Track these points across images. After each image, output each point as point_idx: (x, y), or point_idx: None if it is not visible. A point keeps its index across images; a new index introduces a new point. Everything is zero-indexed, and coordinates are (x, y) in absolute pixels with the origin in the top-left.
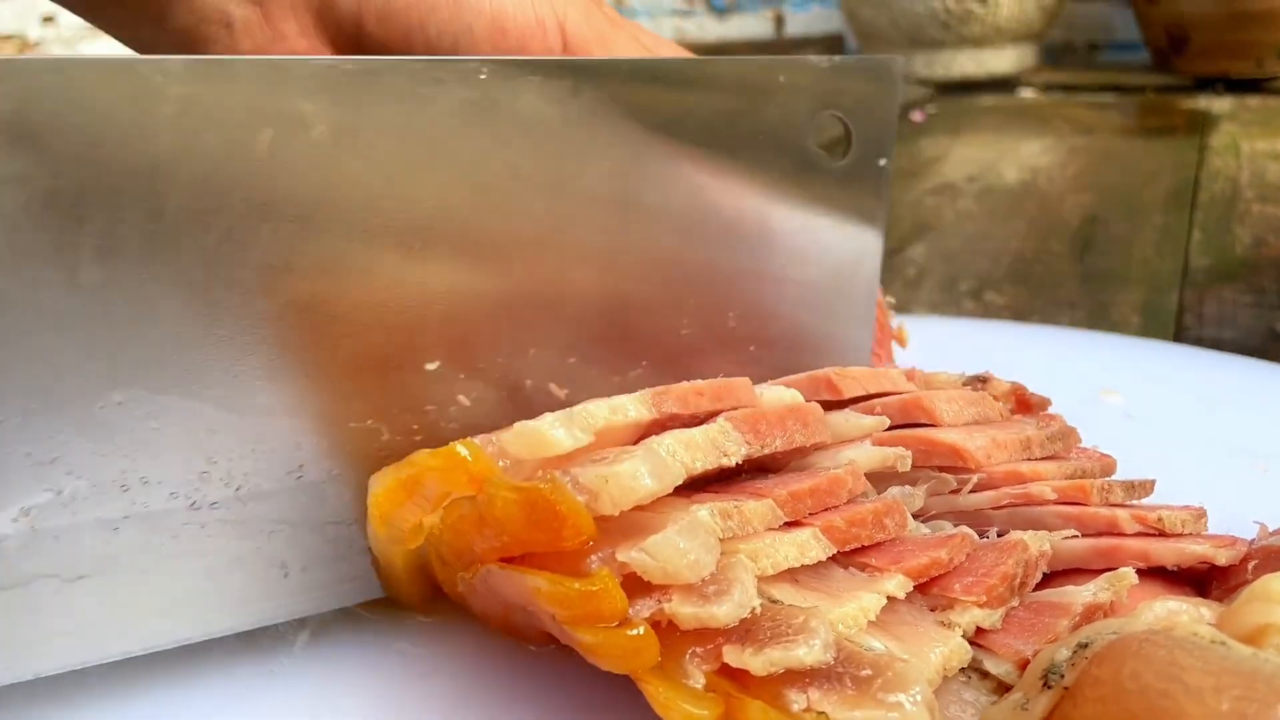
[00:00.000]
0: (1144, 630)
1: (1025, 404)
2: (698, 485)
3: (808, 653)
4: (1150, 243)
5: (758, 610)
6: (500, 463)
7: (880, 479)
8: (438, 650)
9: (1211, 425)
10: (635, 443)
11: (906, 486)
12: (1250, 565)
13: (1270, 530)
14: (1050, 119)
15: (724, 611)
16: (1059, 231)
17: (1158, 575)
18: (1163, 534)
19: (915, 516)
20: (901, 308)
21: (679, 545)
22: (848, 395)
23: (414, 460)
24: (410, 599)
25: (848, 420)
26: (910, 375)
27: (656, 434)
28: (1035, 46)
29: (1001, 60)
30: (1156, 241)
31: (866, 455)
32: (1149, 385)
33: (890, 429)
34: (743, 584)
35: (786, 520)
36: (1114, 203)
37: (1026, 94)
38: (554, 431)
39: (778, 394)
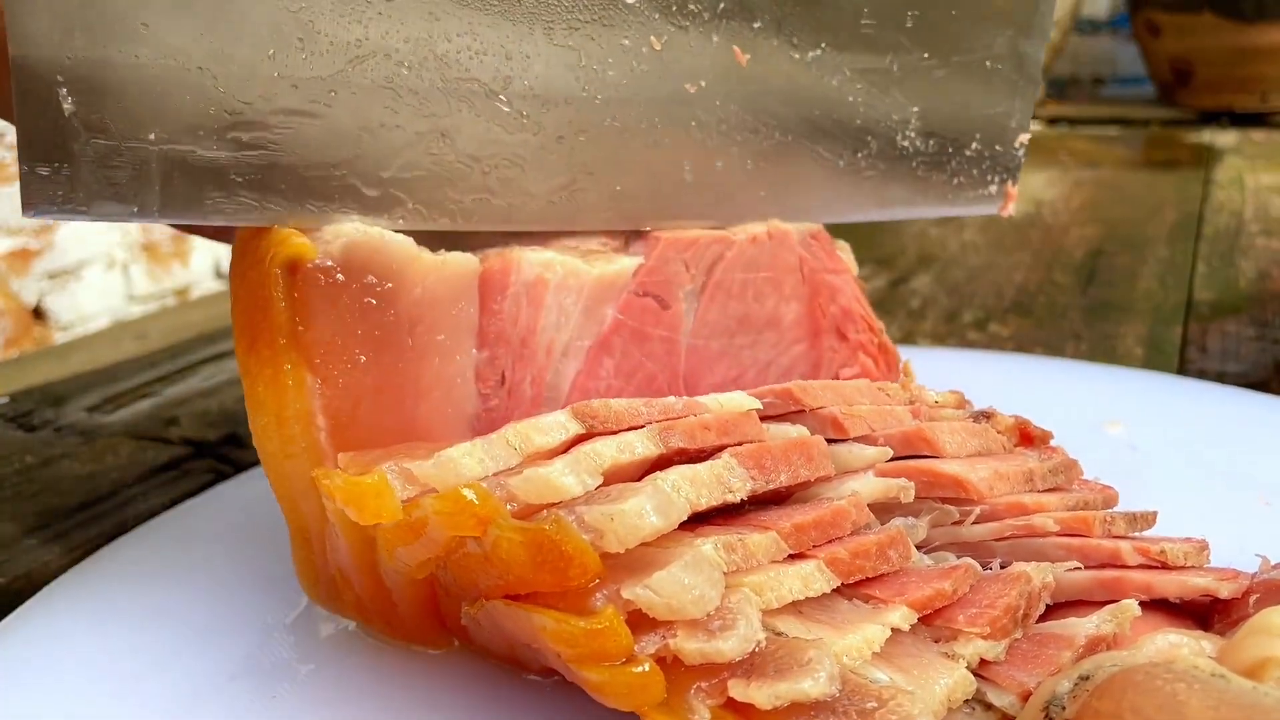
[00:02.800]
0: (1145, 663)
1: (1028, 437)
2: (701, 518)
3: (813, 685)
4: (1154, 275)
5: (762, 643)
6: (508, 506)
7: (883, 510)
8: (442, 681)
9: (1214, 458)
10: (640, 478)
11: (909, 518)
12: (1251, 599)
13: (1272, 564)
14: (1055, 152)
15: (729, 646)
16: (1063, 263)
17: (1160, 608)
18: (1165, 566)
19: (918, 548)
20: (905, 339)
21: (684, 581)
22: (854, 434)
23: (420, 504)
24: (415, 630)
25: (850, 451)
26: (915, 412)
27: (662, 469)
28: (1040, 80)
29: None
30: (1161, 274)
31: (869, 486)
32: (1152, 417)
33: (893, 460)
34: (747, 618)
35: (790, 553)
36: (1118, 235)
37: (1032, 127)
38: (564, 479)
39: (783, 430)
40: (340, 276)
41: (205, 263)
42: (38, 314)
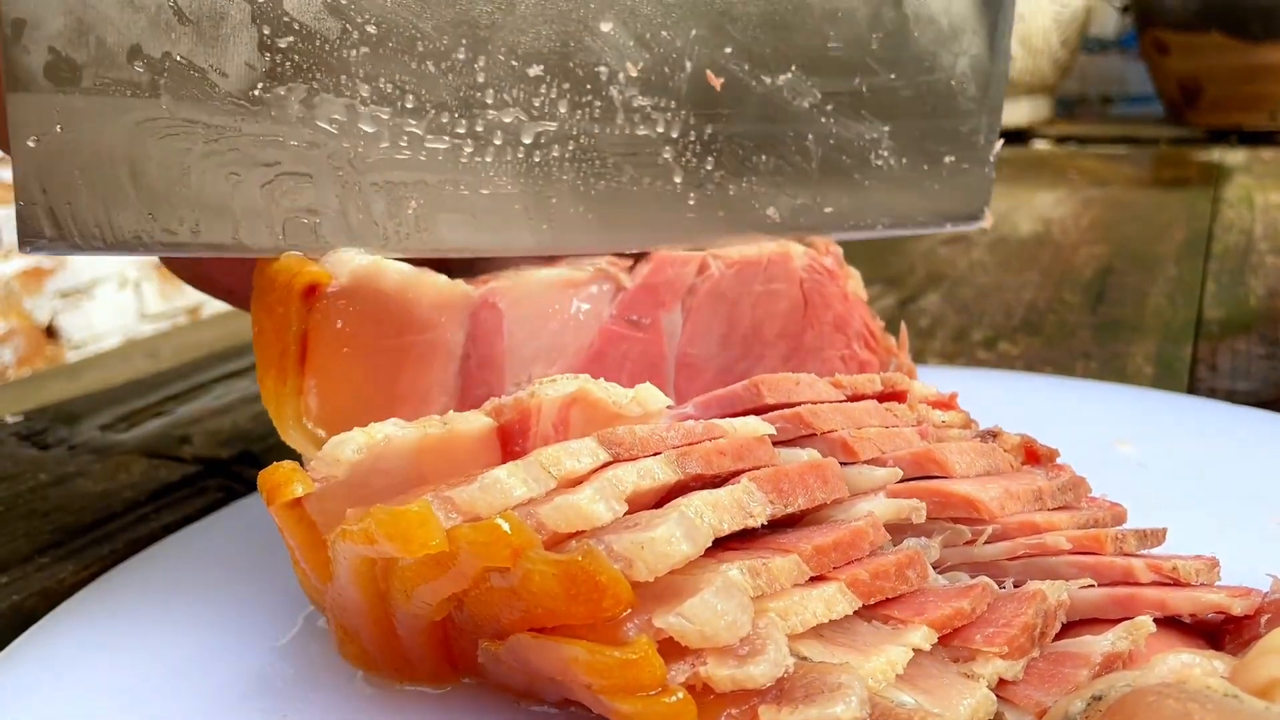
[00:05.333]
0: (1158, 683)
1: (1034, 455)
2: (719, 542)
3: (845, 710)
4: (1164, 294)
5: (791, 668)
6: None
7: (895, 531)
8: (455, 704)
9: (1225, 477)
10: (657, 504)
11: (922, 538)
12: (1263, 619)
13: None
14: (1064, 170)
15: (760, 672)
16: (1073, 282)
17: (1172, 626)
18: (1178, 583)
19: (931, 568)
20: (915, 358)
21: (716, 607)
22: (864, 457)
23: (453, 535)
24: (425, 672)
25: (861, 474)
26: (923, 433)
27: (677, 495)
28: (1049, 99)
29: (1015, 112)
30: (1170, 293)
31: (882, 508)
32: (1162, 436)
33: (903, 481)
34: (776, 643)
35: (811, 575)
36: (1128, 254)
37: (1040, 146)
38: (594, 506)
39: (794, 454)
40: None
41: None
42: (50, 333)
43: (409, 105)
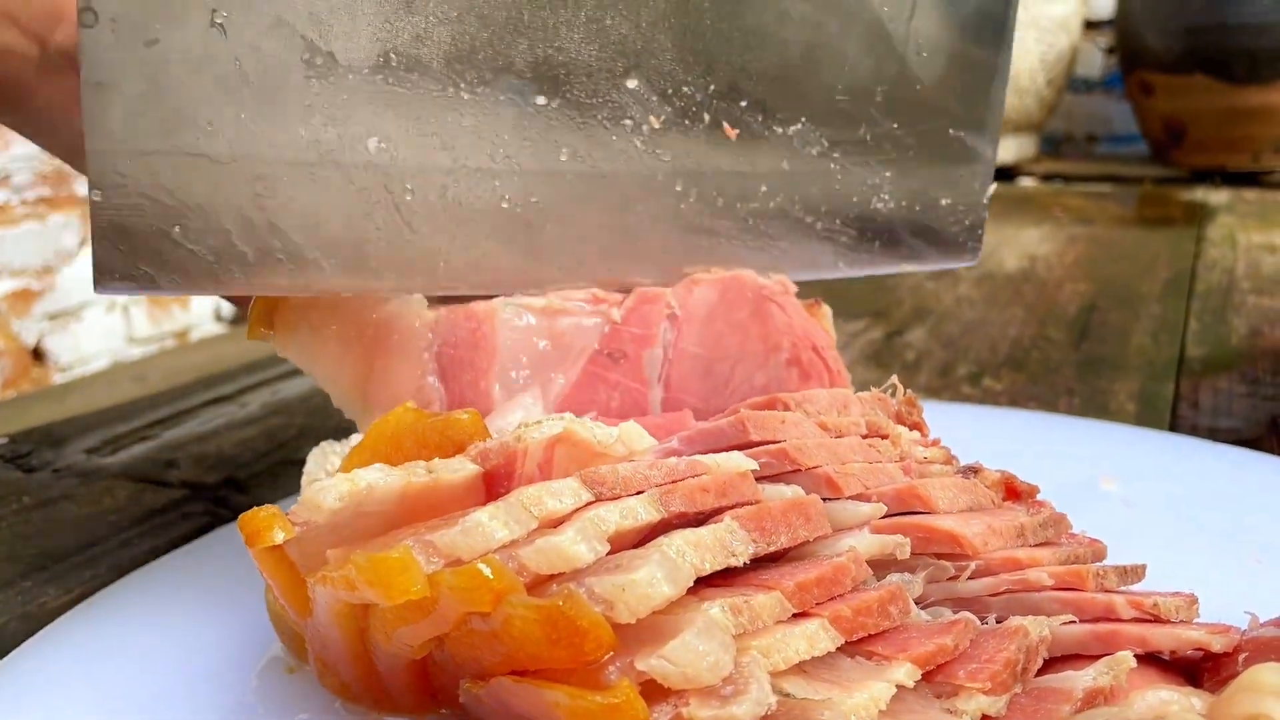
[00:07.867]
0: (1136, 719)
1: (1014, 492)
2: (701, 578)
3: None
4: (1147, 331)
5: (773, 706)
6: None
7: (878, 566)
8: None
9: (1206, 515)
10: (640, 543)
11: (905, 574)
12: (1241, 657)
13: (1261, 622)
14: (1049, 208)
15: (743, 711)
16: (1057, 319)
17: (1151, 663)
18: (1159, 620)
19: (914, 604)
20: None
21: (698, 648)
22: (848, 493)
23: (433, 580)
24: (405, 705)
25: (845, 509)
26: (906, 469)
27: (660, 533)
28: (1035, 137)
29: (1002, 150)
30: (1153, 330)
31: (866, 543)
32: (1144, 473)
33: (886, 517)
34: (759, 681)
35: (794, 611)
36: (1112, 291)
37: (1026, 183)
38: (576, 547)
39: (779, 490)
40: (329, 531)
41: (205, 305)
42: (37, 355)
43: None
